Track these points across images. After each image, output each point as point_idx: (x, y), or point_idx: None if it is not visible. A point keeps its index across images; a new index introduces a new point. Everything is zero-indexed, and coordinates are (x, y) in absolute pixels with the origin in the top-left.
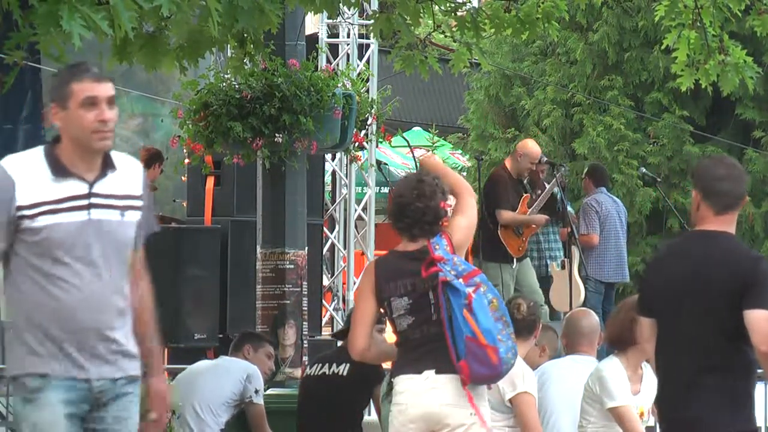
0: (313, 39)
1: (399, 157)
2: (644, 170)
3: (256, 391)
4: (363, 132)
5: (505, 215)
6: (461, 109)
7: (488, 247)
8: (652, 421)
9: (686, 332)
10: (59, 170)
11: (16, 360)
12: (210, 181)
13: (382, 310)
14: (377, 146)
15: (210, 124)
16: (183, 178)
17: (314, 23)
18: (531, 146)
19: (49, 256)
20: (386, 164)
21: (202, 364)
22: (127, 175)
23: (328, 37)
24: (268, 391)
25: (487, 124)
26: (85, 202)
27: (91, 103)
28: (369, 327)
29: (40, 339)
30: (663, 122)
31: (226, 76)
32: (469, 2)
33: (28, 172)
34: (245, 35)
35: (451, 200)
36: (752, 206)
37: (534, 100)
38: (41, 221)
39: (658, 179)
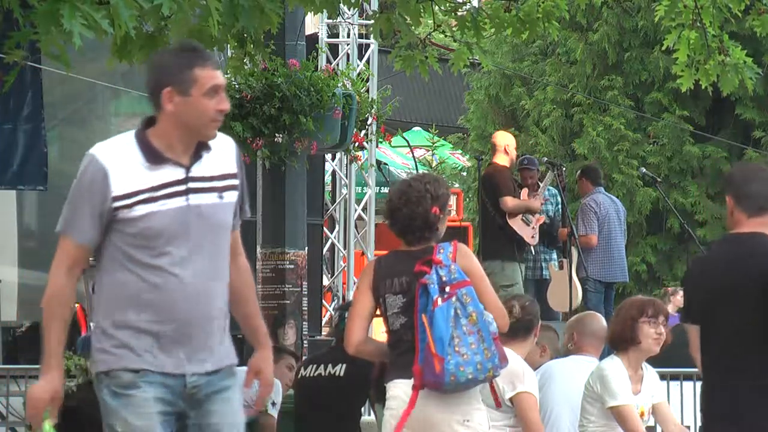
0: (313, 39)
1: (399, 157)
2: (644, 170)
3: (273, 404)
4: (363, 132)
5: (510, 201)
6: (461, 109)
7: (496, 244)
8: (652, 421)
9: (722, 334)
10: (154, 156)
11: (106, 354)
12: None
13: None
14: (377, 146)
15: None
16: None
17: (314, 23)
18: (503, 134)
19: (148, 246)
20: (386, 164)
21: None
22: (222, 153)
23: (328, 37)
24: None
25: (487, 124)
26: (182, 187)
27: (214, 91)
28: (365, 321)
29: (135, 332)
30: (663, 122)
31: (226, 76)
32: (469, 2)
33: (121, 159)
34: (245, 35)
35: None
36: None
37: (534, 100)
38: (138, 210)
39: (658, 179)
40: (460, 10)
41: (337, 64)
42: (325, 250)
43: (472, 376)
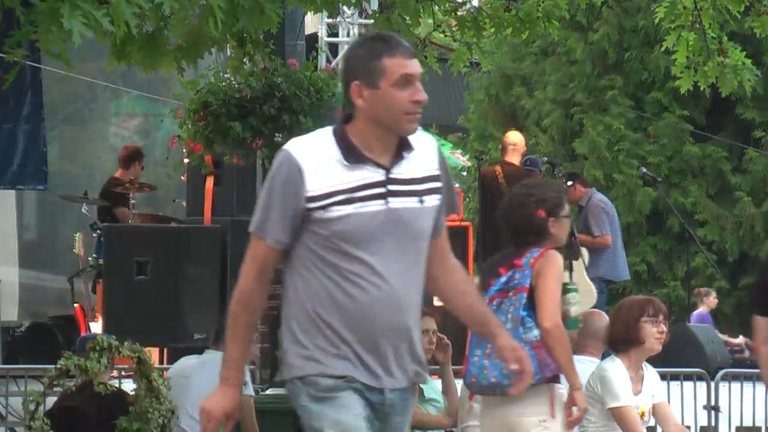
0: (313, 39)
1: None
2: (644, 170)
3: (245, 384)
4: None
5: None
6: (461, 109)
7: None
8: (652, 421)
9: None
10: (352, 155)
11: (301, 360)
12: (210, 181)
13: None
14: None
15: (210, 124)
16: (183, 178)
17: (314, 23)
18: (514, 135)
19: (342, 251)
20: None
21: (189, 362)
22: (423, 153)
23: (328, 36)
24: (268, 391)
25: (487, 124)
26: (381, 189)
27: (406, 81)
28: None
29: (332, 340)
30: (663, 122)
31: (225, 75)
32: (469, 2)
33: (318, 157)
34: (245, 35)
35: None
36: (752, 206)
37: (534, 100)
38: (334, 212)
39: (658, 179)
40: (460, 10)
41: (337, 64)
42: None
43: (495, 380)
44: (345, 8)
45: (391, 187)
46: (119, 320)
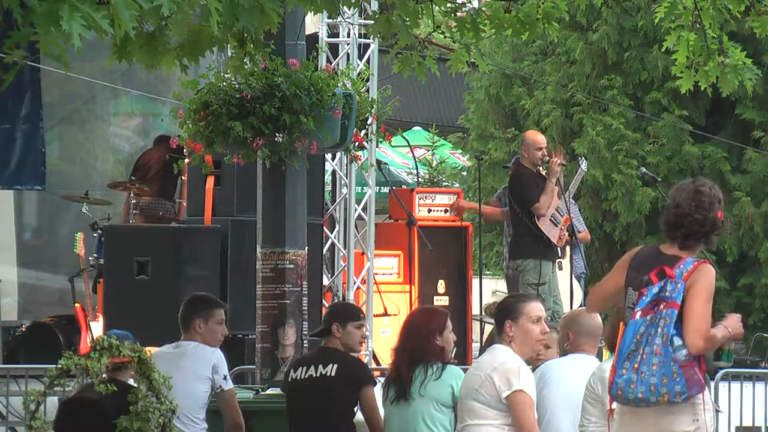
0: (313, 39)
1: (399, 156)
2: (644, 170)
3: (225, 378)
4: (363, 132)
5: (539, 206)
6: (461, 109)
7: (526, 243)
8: None
9: None
10: None
11: None
12: (210, 181)
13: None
14: (377, 146)
15: (210, 124)
16: (183, 177)
17: (314, 23)
18: (529, 135)
19: None
20: (386, 164)
21: (163, 365)
22: None
23: (328, 36)
24: (267, 391)
25: (487, 123)
26: None
27: None
28: (605, 298)
29: None
30: (663, 122)
31: (226, 75)
32: (469, 3)
33: None
34: (245, 35)
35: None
36: (752, 206)
37: (534, 100)
38: None
39: (658, 179)
40: (459, 11)
41: (337, 64)
42: (325, 250)
43: (642, 395)
44: (345, 8)
45: None
46: (119, 320)
